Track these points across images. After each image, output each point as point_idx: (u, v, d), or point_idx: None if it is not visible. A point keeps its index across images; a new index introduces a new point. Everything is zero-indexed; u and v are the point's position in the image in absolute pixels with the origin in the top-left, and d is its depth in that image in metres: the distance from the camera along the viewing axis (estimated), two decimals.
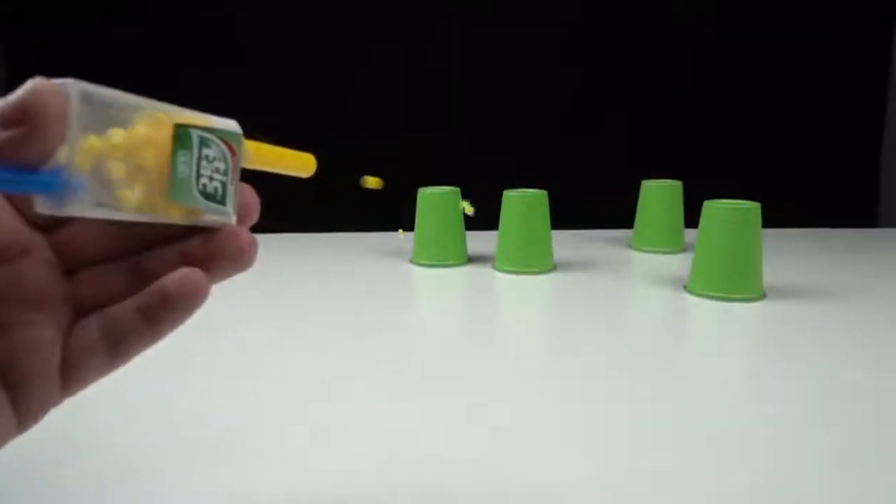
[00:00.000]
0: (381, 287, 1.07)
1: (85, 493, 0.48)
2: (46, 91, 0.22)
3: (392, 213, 1.37)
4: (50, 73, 0.25)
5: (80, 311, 0.27)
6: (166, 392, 0.66)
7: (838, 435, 0.57)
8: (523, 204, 1.14)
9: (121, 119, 0.25)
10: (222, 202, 0.27)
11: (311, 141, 0.43)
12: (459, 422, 0.59)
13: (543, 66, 1.81)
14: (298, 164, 0.32)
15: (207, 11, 1.72)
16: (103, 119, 0.24)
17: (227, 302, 0.99)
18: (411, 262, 1.24)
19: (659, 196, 1.31)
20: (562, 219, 1.28)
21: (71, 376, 0.27)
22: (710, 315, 0.92)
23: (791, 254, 1.28)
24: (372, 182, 0.46)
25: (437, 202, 1.21)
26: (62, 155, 0.23)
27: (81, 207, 0.24)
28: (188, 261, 0.27)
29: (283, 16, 1.74)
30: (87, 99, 0.23)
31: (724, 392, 0.67)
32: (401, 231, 1.44)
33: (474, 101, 1.82)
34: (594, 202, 1.62)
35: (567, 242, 1.40)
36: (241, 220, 0.29)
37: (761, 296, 0.97)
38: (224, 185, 0.27)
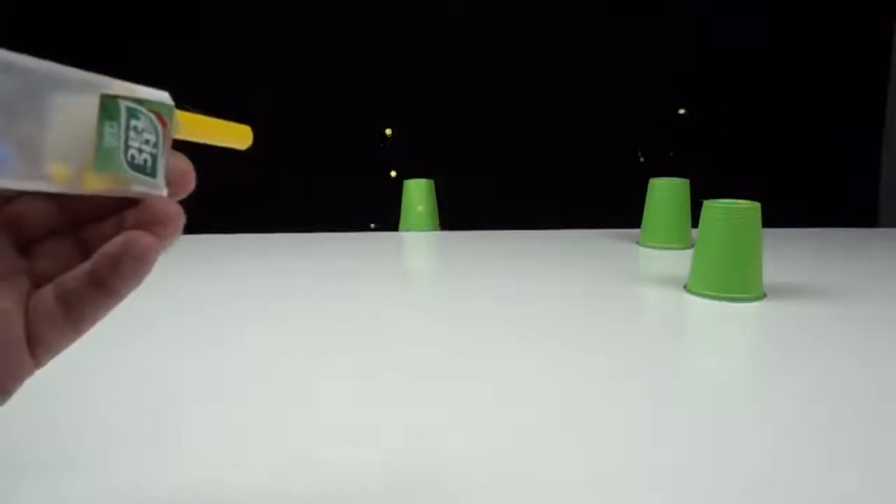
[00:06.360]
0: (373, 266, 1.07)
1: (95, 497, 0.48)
2: None
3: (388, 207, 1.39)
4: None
5: (38, 284, 0.28)
6: (172, 395, 0.66)
7: (838, 434, 0.57)
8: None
9: (45, 88, 0.24)
10: (152, 174, 0.27)
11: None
12: (458, 421, 0.59)
13: (543, 66, 1.81)
14: (234, 135, 0.32)
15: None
16: (26, 88, 0.24)
17: (229, 300, 0.99)
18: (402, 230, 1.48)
19: (666, 193, 1.31)
20: (572, 216, 1.29)
21: (36, 345, 0.27)
22: (710, 315, 0.92)
23: (791, 254, 1.28)
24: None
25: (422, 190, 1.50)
26: None
27: (4, 180, 0.23)
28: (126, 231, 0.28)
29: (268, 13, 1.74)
30: (6, 68, 0.23)
31: (724, 392, 0.68)
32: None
33: (482, 97, 1.82)
34: (604, 201, 1.63)
35: (573, 239, 1.40)
36: (175, 189, 0.29)
37: (761, 296, 0.97)
38: (154, 156, 0.27)
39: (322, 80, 1.77)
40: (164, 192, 0.28)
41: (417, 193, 1.51)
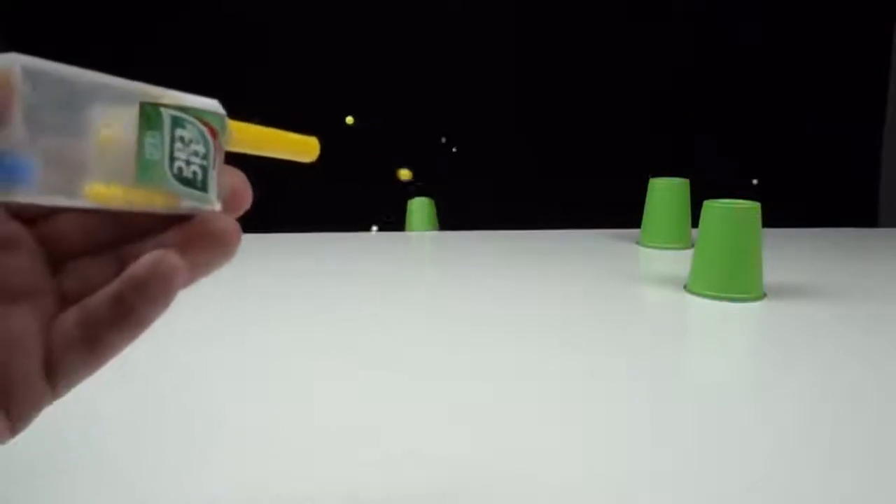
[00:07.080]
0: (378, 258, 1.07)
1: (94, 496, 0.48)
2: None
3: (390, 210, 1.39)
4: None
5: (65, 305, 0.26)
6: (173, 395, 0.66)
7: (838, 434, 0.57)
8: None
9: (79, 98, 0.22)
10: (203, 188, 0.25)
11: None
12: (458, 421, 0.59)
13: (546, 66, 1.81)
14: (296, 147, 0.29)
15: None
16: (57, 98, 0.22)
17: (230, 300, 0.99)
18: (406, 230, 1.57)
19: (666, 193, 1.31)
20: (572, 216, 1.29)
21: (54, 372, 0.25)
22: (710, 315, 0.92)
23: (791, 254, 1.28)
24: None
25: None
26: (6, 137, 0.21)
27: (29, 194, 0.21)
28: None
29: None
30: (31, 76, 0.21)
31: (724, 392, 0.68)
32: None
33: (482, 97, 1.82)
34: (604, 201, 1.63)
35: (573, 239, 1.40)
36: (230, 207, 0.26)
37: (761, 296, 0.97)
38: (205, 169, 0.25)
39: (322, 80, 1.78)
40: (217, 207, 0.26)
41: (419, 212, 1.55)
